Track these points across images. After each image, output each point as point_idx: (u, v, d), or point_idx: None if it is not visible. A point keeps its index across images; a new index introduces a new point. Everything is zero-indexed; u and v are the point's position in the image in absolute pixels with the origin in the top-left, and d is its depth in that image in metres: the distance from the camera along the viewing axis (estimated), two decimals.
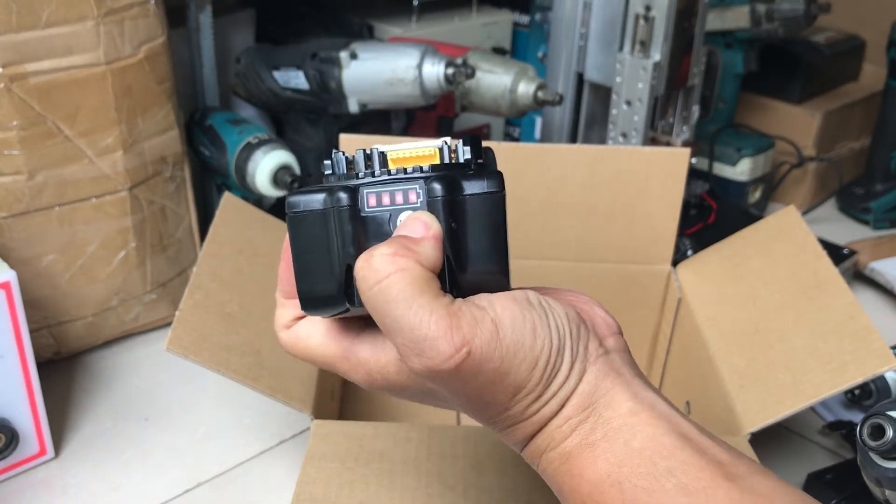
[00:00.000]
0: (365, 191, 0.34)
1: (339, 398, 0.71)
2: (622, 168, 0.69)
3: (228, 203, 0.70)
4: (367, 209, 0.34)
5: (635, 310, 0.75)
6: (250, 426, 0.72)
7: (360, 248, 0.34)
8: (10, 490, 0.64)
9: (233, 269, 0.64)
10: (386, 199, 0.34)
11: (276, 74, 0.90)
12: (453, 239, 0.34)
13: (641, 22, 0.82)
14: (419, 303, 0.32)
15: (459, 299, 0.34)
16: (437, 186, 0.34)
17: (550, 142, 0.97)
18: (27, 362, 0.62)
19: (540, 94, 0.84)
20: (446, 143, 0.37)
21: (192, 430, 0.72)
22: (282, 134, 0.97)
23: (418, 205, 0.34)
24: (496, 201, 0.35)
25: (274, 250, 0.37)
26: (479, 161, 0.38)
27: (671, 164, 0.69)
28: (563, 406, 0.35)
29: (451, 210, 0.34)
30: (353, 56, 0.83)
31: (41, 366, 0.66)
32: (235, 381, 0.55)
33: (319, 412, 0.57)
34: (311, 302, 0.36)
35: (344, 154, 0.36)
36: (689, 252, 0.90)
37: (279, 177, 0.82)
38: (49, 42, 0.68)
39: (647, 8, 0.82)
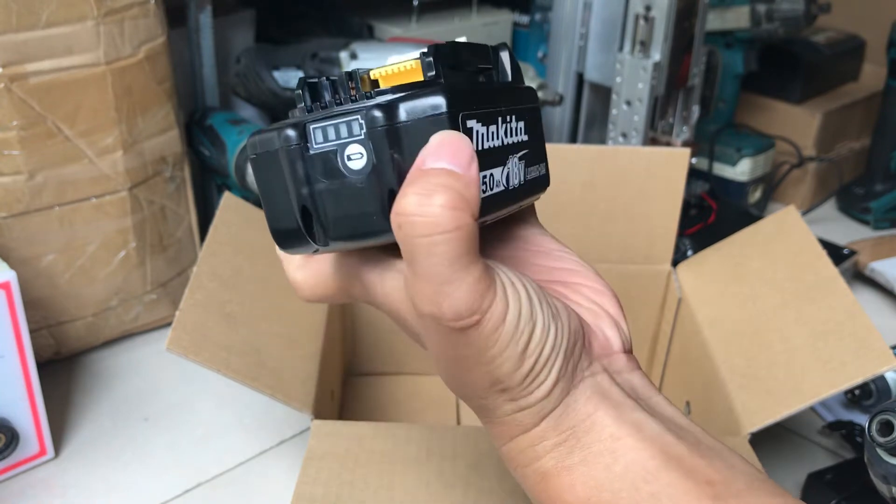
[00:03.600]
0: (311, 126, 0.31)
1: (339, 398, 0.71)
2: (622, 168, 0.69)
3: (228, 203, 0.70)
4: (314, 146, 0.31)
5: (635, 310, 0.75)
6: (250, 426, 0.72)
7: (312, 188, 0.32)
8: (10, 490, 0.64)
9: (233, 269, 0.64)
10: (331, 134, 0.31)
11: (276, 74, 0.90)
12: (399, 172, 0.30)
13: (641, 22, 0.82)
14: (462, 263, 0.30)
15: (493, 265, 0.32)
16: (377, 115, 0.30)
17: (550, 142, 0.97)
18: (27, 362, 0.62)
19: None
20: (432, 50, 0.33)
21: (192, 430, 0.72)
22: None
23: (361, 136, 0.31)
24: (440, 124, 0.30)
25: (274, 250, 0.37)
26: (485, 67, 0.34)
27: (671, 164, 0.69)
28: (539, 422, 0.34)
29: (392, 140, 0.30)
30: (353, 56, 0.83)
31: (41, 366, 0.66)
32: (235, 381, 0.55)
33: (319, 412, 0.57)
34: (282, 241, 0.34)
35: (321, 80, 0.33)
36: (689, 252, 0.90)
37: None
38: (49, 42, 0.68)
39: (647, 8, 0.82)
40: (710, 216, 1.00)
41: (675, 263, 0.73)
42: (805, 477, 0.66)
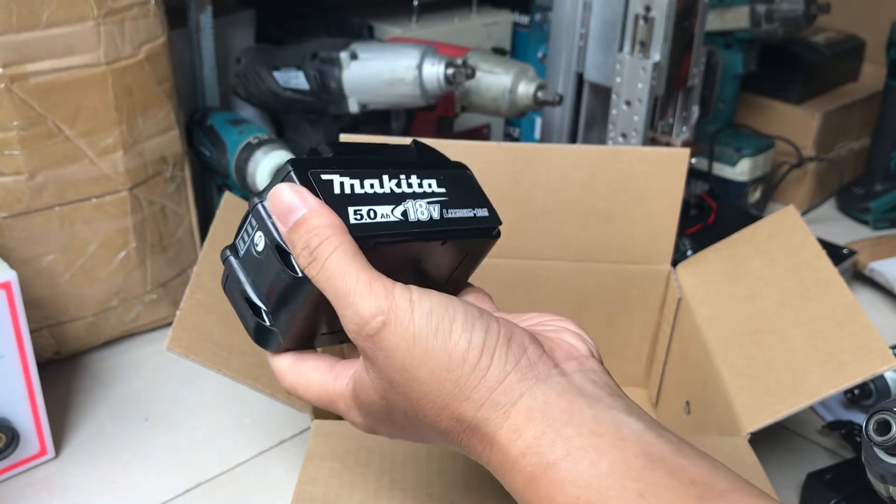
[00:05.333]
0: (236, 239, 0.40)
1: None
2: (622, 168, 0.69)
3: (229, 203, 0.70)
4: (241, 252, 0.40)
5: (635, 310, 0.75)
6: (250, 426, 0.73)
7: (249, 281, 0.40)
8: (10, 490, 0.64)
9: None
10: (245, 237, 0.40)
11: (277, 75, 0.90)
12: (277, 228, 0.38)
13: (641, 22, 0.83)
14: (352, 275, 0.35)
15: (385, 277, 0.36)
16: (254, 200, 0.39)
17: (550, 142, 0.97)
18: (27, 362, 0.62)
19: (540, 94, 0.84)
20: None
21: (192, 430, 0.72)
22: (282, 134, 0.97)
23: (256, 225, 0.39)
24: (289, 178, 0.38)
25: None
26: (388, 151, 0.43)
27: (671, 164, 0.69)
28: (507, 416, 0.34)
29: (265, 210, 0.39)
30: (354, 56, 0.83)
31: (41, 366, 0.66)
32: (235, 381, 0.55)
33: (319, 412, 0.57)
34: (257, 339, 0.40)
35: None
36: (689, 252, 0.90)
37: None
38: (49, 42, 0.68)
39: (647, 8, 0.82)
40: (709, 216, 1.00)
41: (674, 263, 0.73)
42: (804, 477, 0.66)
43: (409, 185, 0.40)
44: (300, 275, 0.37)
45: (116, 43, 0.71)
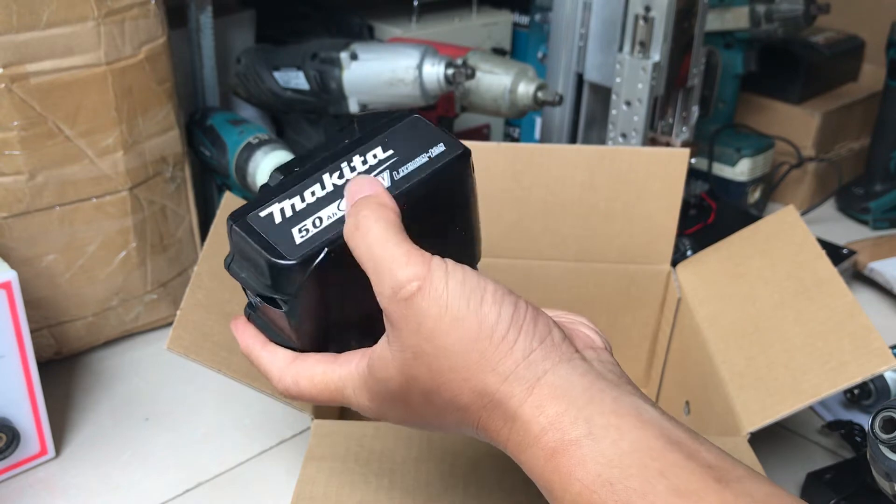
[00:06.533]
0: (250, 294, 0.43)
1: None
2: (622, 168, 0.70)
3: (229, 203, 0.70)
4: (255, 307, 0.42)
5: (635, 310, 0.75)
6: (250, 426, 0.73)
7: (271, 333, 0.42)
8: (10, 490, 0.64)
9: None
10: (250, 296, 0.42)
11: (277, 75, 0.90)
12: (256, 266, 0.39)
13: (641, 22, 0.83)
14: (393, 242, 0.36)
15: (423, 251, 0.37)
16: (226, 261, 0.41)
17: (550, 142, 0.97)
18: (28, 362, 0.62)
19: (540, 94, 0.84)
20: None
21: (192, 430, 0.72)
22: (282, 134, 0.97)
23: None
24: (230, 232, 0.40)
25: None
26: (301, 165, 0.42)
27: (671, 165, 0.69)
28: (531, 391, 0.34)
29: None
30: (354, 56, 0.83)
31: (42, 366, 0.66)
32: (236, 381, 0.55)
33: (319, 412, 0.57)
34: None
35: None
36: (689, 252, 0.90)
37: None
38: (49, 42, 0.68)
39: (647, 8, 0.82)
40: (709, 216, 1.00)
41: (674, 263, 0.73)
42: (804, 476, 0.66)
43: (353, 169, 0.40)
44: (285, 309, 0.38)
45: (116, 43, 0.72)
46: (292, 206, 0.39)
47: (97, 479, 0.66)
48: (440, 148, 0.41)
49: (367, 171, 0.40)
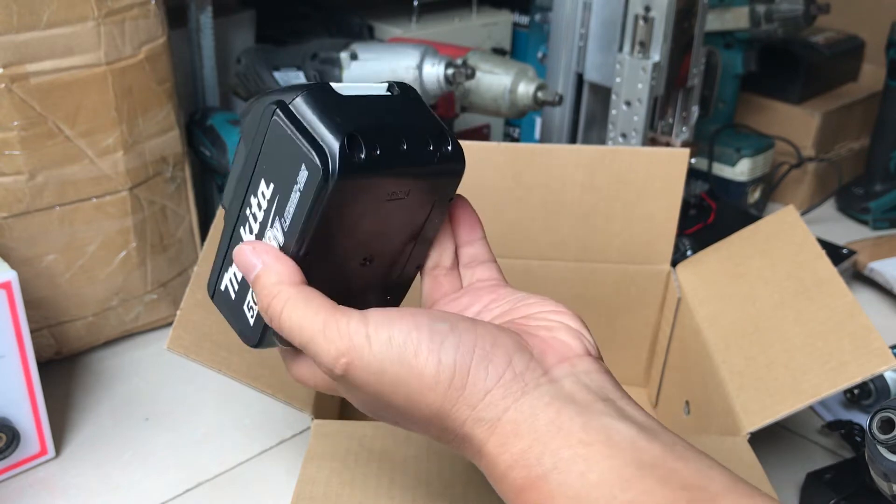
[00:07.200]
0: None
1: (339, 398, 0.71)
2: (622, 168, 0.70)
3: None
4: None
5: (635, 310, 0.75)
6: (250, 426, 0.73)
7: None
8: (10, 490, 0.64)
9: None
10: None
11: (277, 75, 0.90)
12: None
13: (641, 22, 0.83)
14: (307, 322, 0.35)
15: (341, 314, 0.35)
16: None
17: (550, 142, 0.97)
18: (28, 362, 0.62)
19: (540, 94, 0.84)
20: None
21: (192, 430, 0.72)
22: None
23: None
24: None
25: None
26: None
27: (671, 165, 0.69)
28: (493, 431, 0.34)
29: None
30: (354, 57, 0.83)
31: (42, 366, 0.66)
32: (236, 381, 0.55)
33: (319, 412, 0.57)
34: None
35: None
36: (689, 252, 0.90)
37: None
38: (50, 42, 0.68)
39: (647, 8, 0.82)
40: (709, 216, 1.00)
41: (674, 263, 0.73)
42: (804, 476, 0.66)
43: (250, 229, 0.39)
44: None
45: (117, 43, 0.72)
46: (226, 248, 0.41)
47: (97, 479, 0.66)
48: (304, 174, 0.36)
49: (264, 222, 0.38)
